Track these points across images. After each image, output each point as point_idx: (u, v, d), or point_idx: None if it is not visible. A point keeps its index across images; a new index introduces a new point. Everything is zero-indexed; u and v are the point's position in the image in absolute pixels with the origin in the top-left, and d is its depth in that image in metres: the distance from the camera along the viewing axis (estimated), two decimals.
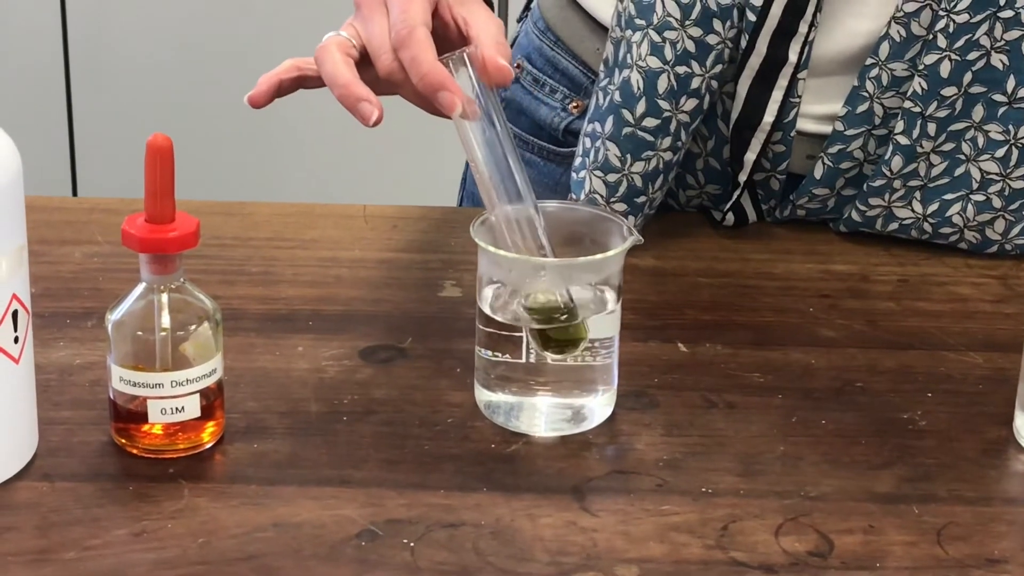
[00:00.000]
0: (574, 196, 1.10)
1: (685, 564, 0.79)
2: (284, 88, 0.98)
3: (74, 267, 1.06)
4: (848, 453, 0.89)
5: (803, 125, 1.12)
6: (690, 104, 1.08)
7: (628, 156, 1.08)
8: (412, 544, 0.80)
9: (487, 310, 0.89)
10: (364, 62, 0.96)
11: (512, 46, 1.25)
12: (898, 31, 1.07)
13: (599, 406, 0.91)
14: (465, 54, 0.91)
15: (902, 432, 0.91)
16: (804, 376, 0.96)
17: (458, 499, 0.84)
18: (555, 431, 0.90)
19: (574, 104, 1.20)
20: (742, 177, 1.12)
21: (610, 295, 0.89)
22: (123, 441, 0.87)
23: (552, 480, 0.86)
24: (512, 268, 0.88)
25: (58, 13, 2.61)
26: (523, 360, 0.88)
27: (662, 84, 1.07)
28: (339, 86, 0.93)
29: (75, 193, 2.64)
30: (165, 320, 0.85)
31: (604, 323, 0.89)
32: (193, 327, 0.85)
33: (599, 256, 0.87)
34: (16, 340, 0.82)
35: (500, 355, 0.89)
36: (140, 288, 0.85)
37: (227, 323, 0.88)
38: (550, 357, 0.89)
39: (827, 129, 1.12)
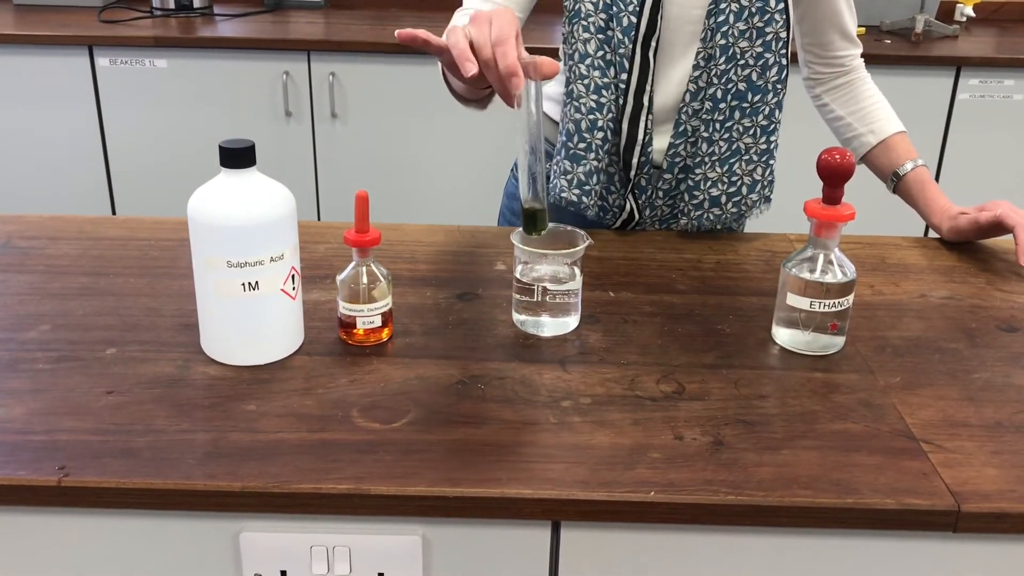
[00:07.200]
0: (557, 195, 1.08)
1: (614, 397, 0.80)
2: (417, 42, 0.77)
3: (320, 255, 1.05)
4: (692, 345, 0.89)
5: (657, 148, 1.11)
6: (600, 135, 1.08)
7: (573, 164, 1.08)
8: (483, 387, 0.80)
9: (518, 275, 0.89)
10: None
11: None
12: (691, 84, 1.06)
13: (572, 321, 0.91)
14: (531, 60, 0.77)
15: (717, 335, 0.91)
16: (671, 308, 0.96)
17: (504, 365, 0.84)
18: (551, 333, 0.90)
19: None
20: (633, 174, 1.10)
21: (577, 269, 0.89)
22: (344, 337, 0.87)
23: (549, 356, 0.86)
24: (529, 256, 0.87)
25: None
26: (535, 299, 0.88)
27: (584, 124, 1.07)
28: (458, 48, 0.76)
29: (319, 218, 2.56)
30: (364, 279, 0.85)
31: (575, 282, 0.89)
32: (378, 283, 0.85)
33: (572, 249, 0.87)
34: (293, 289, 0.82)
35: (524, 297, 0.89)
36: (352, 264, 0.85)
37: (394, 281, 0.88)
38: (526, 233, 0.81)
39: (666, 145, 1.11)
